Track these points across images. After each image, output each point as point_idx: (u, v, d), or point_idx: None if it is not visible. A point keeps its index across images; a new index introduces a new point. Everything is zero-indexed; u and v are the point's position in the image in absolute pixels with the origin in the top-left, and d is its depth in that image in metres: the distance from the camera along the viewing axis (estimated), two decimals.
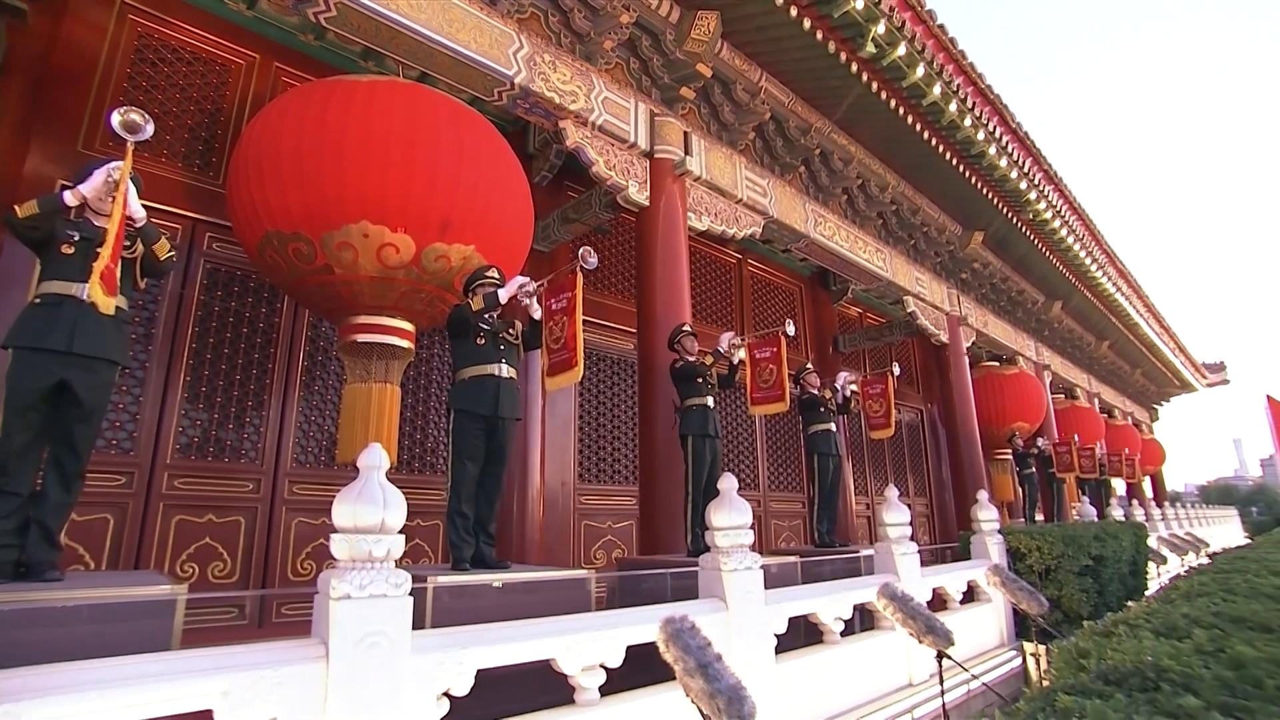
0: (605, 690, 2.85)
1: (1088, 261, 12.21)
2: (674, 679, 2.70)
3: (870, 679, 4.33)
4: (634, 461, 7.62)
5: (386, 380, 4.86)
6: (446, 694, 2.41)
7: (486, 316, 3.83)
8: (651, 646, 2.85)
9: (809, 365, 6.79)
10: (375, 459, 2.29)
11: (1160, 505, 19.62)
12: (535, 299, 4.01)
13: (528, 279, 3.99)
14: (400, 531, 2.28)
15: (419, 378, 6.57)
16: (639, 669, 2.96)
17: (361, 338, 4.75)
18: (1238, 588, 3.52)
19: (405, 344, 4.88)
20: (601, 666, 2.84)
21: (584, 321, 7.61)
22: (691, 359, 5.18)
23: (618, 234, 8.45)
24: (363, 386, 4.79)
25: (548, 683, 2.77)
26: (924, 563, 5.48)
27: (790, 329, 5.63)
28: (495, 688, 2.61)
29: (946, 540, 11.17)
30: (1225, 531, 21.80)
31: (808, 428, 6.48)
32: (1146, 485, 22.26)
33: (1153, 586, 8.63)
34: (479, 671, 2.48)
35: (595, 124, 5.93)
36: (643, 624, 2.91)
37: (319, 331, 6.00)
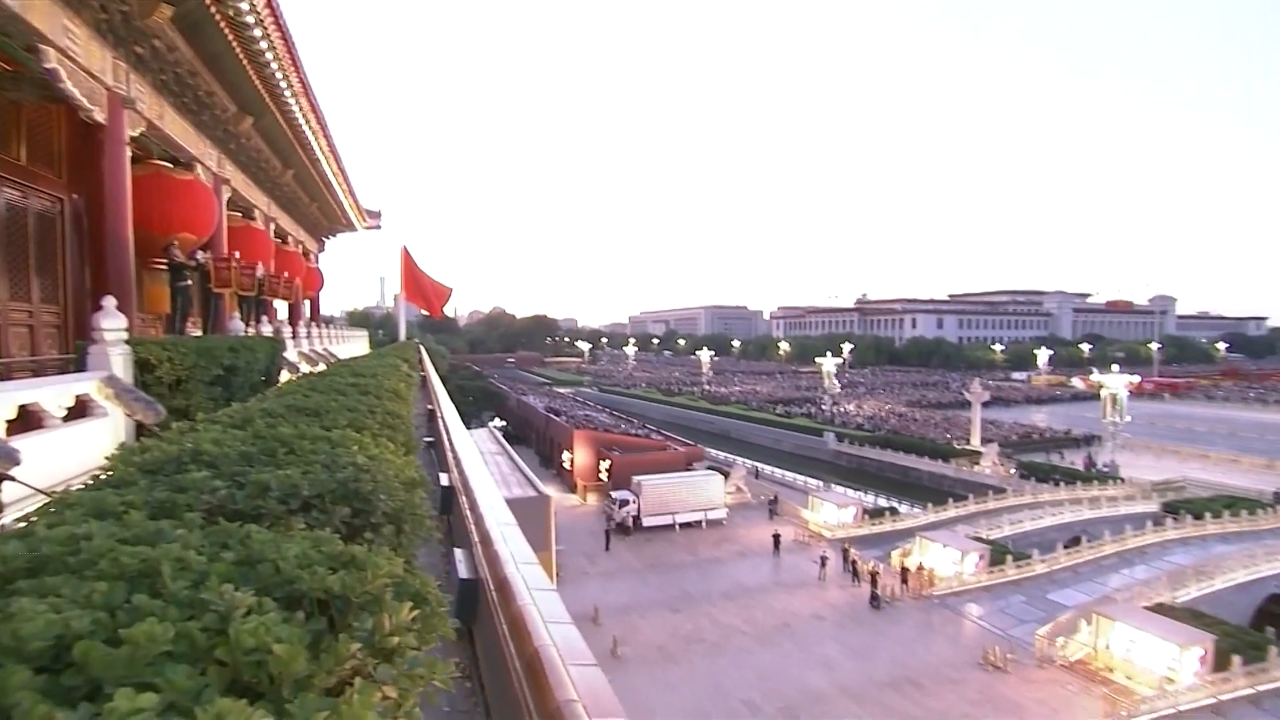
0: None
1: (282, 84, 12.17)
2: None
3: None
4: None
5: None
6: None
7: None
8: None
9: None
10: None
11: (313, 325, 22.30)
12: None
13: None
14: None
15: None
16: None
17: None
18: (319, 385, 4.24)
19: None
20: None
21: None
22: None
23: None
24: None
25: None
26: (36, 375, 4.55)
27: None
28: None
29: None
30: (355, 348, 26.53)
31: None
32: (307, 307, 24.88)
33: None
34: None
35: None
36: None
37: None
